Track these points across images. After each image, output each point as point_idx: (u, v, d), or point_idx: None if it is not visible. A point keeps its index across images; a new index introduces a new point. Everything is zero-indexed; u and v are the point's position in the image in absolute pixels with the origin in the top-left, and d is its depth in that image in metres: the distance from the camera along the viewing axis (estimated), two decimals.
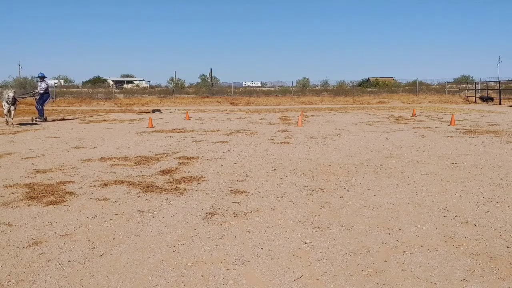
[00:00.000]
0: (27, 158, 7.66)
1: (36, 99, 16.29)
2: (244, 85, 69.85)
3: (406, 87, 39.86)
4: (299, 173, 6.20)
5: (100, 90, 42.86)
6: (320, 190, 5.18)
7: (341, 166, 6.68)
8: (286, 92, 39.12)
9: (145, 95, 37.94)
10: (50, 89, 17.42)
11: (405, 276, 2.89)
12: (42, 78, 16.17)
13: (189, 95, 37.07)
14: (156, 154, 7.99)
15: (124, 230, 3.81)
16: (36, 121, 15.74)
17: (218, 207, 4.50)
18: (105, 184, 5.53)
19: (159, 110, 22.73)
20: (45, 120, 16.07)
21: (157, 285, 2.80)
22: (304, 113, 18.40)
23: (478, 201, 4.63)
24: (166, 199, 4.81)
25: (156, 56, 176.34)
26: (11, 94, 13.91)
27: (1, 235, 3.71)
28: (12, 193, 5.15)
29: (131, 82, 78.51)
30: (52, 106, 26.62)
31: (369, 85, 51.41)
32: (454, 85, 38.55)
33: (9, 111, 13.91)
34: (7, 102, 14.00)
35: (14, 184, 5.59)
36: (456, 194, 4.95)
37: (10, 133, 11.81)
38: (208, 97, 34.77)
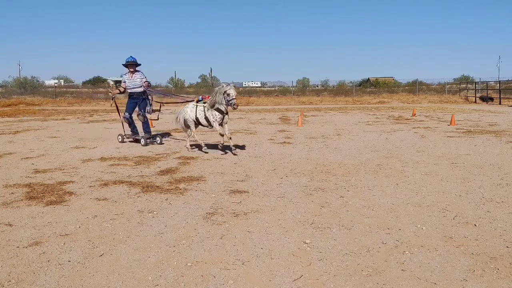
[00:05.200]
0: (27, 158, 7.66)
1: (114, 102, 9.85)
2: (244, 85, 69.78)
3: (406, 87, 39.83)
4: (299, 173, 6.20)
5: (100, 90, 42.81)
6: (320, 190, 5.18)
7: (341, 166, 6.68)
8: (286, 92, 39.08)
9: None
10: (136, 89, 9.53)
11: (405, 276, 2.89)
12: (133, 65, 9.37)
13: (189, 95, 37.00)
14: (156, 154, 7.98)
15: (124, 230, 3.81)
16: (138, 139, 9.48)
17: (218, 207, 4.50)
18: (105, 184, 5.52)
19: (159, 110, 22.67)
20: (148, 142, 9.18)
21: (157, 285, 2.80)
22: (304, 113, 18.39)
23: (478, 201, 4.63)
24: (166, 199, 4.81)
25: (156, 56, 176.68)
26: (233, 92, 7.57)
27: (1, 235, 3.71)
28: (12, 193, 5.15)
29: None
30: (52, 106, 26.60)
31: (369, 85, 51.37)
32: (454, 85, 38.51)
33: (221, 124, 7.93)
34: (219, 109, 7.76)
35: (14, 184, 5.58)
36: (456, 194, 4.95)
37: (10, 133, 11.80)
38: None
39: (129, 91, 9.53)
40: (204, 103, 8.07)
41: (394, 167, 6.52)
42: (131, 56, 9.40)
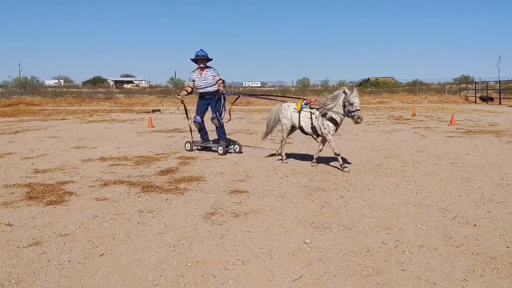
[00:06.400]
0: (27, 158, 7.66)
1: (183, 104, 8.73)
2: (244, 85, 69.76)
3: (406, 87, 39.84)
4: (299, 173, 6.20)
5: (100, 90, 42.85)
6: (320, 190, 5.18)
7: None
8: (286, 92, 38.98)
9: (145, 95, 37.88)
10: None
11: (405, 276, 2.89)
12: (204, 60, 7.98)
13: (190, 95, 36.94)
14: (156, 154, 7.98)
15: (124, 230, 3.81)
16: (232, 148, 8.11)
17: (218, 207, 4.50)
18: (105, 184, 5.52)
19: (159, 110, 22.72)
20: (226, 151, 7.88)
21: (157, 285, 2.80)
22: None
23: (478, 201, 4.63)
24: (166, 199, 4.81)
25: (156, 56, 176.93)
26: (358, 102, 6.09)
27: (1, 235, 3.71)
28: (12, 193, 5.15)
29: (131, 82, 78.51)
30: (52, 106, 26.61)
31: (369, 85, 51.37)
32: (454, 85, 38.49)
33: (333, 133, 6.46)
34: (333, 119, 6.34)
35: (14, 184, 5.58)
36: (456, 194, 4.95)
37: (10, 133, 11.80)
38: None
39: (199, 91, 8.14)
40: (311, 108, 6.67)
41: (394, 167, 6.52)
42: (201, 50, 7.92)
